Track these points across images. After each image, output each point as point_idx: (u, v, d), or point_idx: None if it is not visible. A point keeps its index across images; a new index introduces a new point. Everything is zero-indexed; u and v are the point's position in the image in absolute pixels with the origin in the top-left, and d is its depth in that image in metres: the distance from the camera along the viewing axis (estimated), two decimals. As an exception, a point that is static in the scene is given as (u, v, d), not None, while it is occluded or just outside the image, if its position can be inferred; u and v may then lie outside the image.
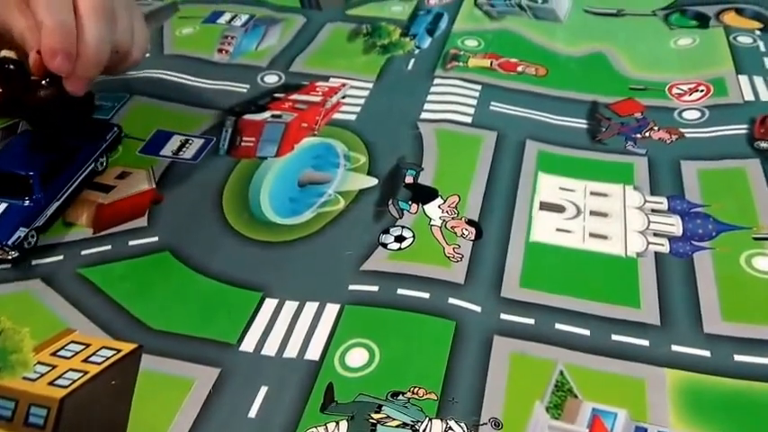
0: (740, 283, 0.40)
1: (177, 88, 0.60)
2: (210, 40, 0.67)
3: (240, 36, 0.69)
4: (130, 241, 0.46)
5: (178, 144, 0.54)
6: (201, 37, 0.68)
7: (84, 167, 0.48)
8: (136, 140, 0.54)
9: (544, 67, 0.61)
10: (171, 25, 0.71)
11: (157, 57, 0.65)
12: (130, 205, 0.49)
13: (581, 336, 0.37)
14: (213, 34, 0.69)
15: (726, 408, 0.34)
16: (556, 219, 0.45)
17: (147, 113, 0.57)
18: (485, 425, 0.33)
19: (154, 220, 0.47)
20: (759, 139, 0.50)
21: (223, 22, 0.72)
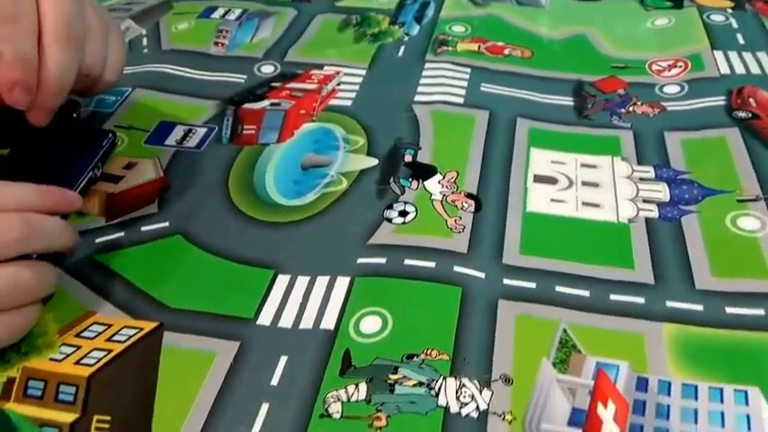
0: (727, 242, 0.41)
1: (177, 81, 0.61)
2: (206, 35, 0.68)
3: (234, 29, 0.69)
4: (143, 227, 0.46)
5: (182, 134, 0.54)
6: (197, 32, 0.69)
7: (82, 178, 0.47)
8: (140, 132, 0.55)
9: (529, 49, 0.62)
10: (166, 21, 0.71)
11: (156, 52, 0.65)
12: (140, 193, 0.49)
13: (581, 297, 0.38)
14: (208, 29, 0.69)
15: (720, 356, 0.35)
16: (550, 190, 0.46)
17: (149, 105, 0.57)
18: (496, 381, 0.34)
19: (164, 206, 0.47)
20: (736, 109, 0.51)
21: (217, 16, 0.72)
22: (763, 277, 0.38)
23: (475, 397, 0.33)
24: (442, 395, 0.33)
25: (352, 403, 0.34)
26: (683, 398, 0.33)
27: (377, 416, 0.33)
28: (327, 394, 0.34)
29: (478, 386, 0.34)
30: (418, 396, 0.33)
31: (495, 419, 0.32)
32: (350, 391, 0.34)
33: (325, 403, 0.34)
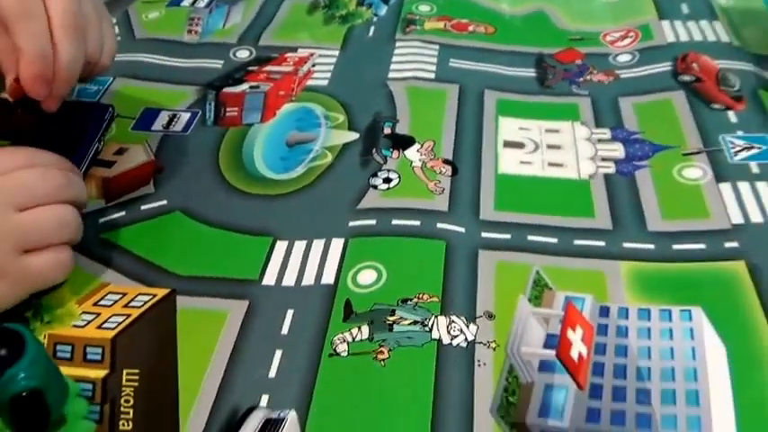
0: (674, 190, 0.49)
1: (155, 69, 0.66)
2: (178, 23, 0.73)
3: (206, 17, 0.75)
4: (142, 206, 0.52)
5: (167, 119, 0.60)
6: (169, 20, 0.74)
7: (90, 150, 0.53)
8: (126, 119, 0.60)
9: (492, 25, 0.69)
10: (136, 10, 0.76)
11: (130, 41, 0.70)
12: (135, 176, 0.55)
13: (550, 243, 0.46)
14: (180, 17, 0.74)
15: (668, 284, 0.43)
16: (518, 153, 0.53)
17: (131, 94, 0.63)
18: (480, 317, 0.42)
19: (159, 186, 0.53)
20: (681, 73, 0.59)
21: (187, 4, 0.78)
22: (705, 217, 0.47)
23: (463, 330, 0.41)
24: (435, 330, 0.41)
25: (356, 342, 0.41)
26: (639, 320, 0.41)
27: (380, 350, 0.40)
28: (334, 337, 0.41)
29: (465, 322, 0.41)
30: (414, 332, 0.41)
31: (482, 347, 0.40)
32: (354, 333, 0.41)
33: (333, 345, 0.41)
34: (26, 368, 0.32)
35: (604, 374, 0.38)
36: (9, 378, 0.31)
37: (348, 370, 0.39)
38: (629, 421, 0.35)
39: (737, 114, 0.54)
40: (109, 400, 0.39)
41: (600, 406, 0.36)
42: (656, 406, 0.36)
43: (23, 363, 0.32)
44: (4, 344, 0.32)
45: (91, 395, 0.39)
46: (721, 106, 0.55)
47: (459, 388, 0.38)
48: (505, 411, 0.36)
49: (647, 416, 0.36)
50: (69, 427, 0.35)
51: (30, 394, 0.32)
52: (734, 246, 0.44)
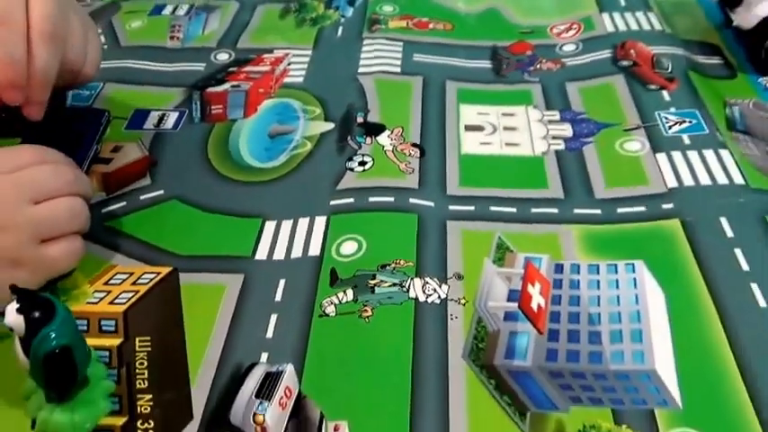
0: (616, 161, 0.53)
1: (142, 73, 0.68)
2: (160, 30, 0.75)
3: (186, 24, 0.77)
4: (141, 196, 0.54)
5: (157, 118, 0.63)
6: (151, 28, 0.76)
7: (89, 152, 0.56)
8: (119, 119, 0.62)
9: (450, 23, 0.73)
10: (120, 20, 0.78)
11: (116, 49, 0.72)
12: (131, 170, 0.57)
13: (510, 212, 0.50)
14: (162, 25, 0.76)
15: (614, 242, 0.47)
16: (479, 136, 0.57)
17: (122, 97, 0.65)
18: (451, 278, 0.45)
19: (155, 178, 0.56)
20: (620, 59, 0.63)
21: (167, 13, 0.80)
22: (644, 183, 0.51)
23: (436, 290, 0.44)
24: (412, 290, 0.44)
25: (343, 304, 0.44)
26: (589, 274, 0.45)
27: (364, 309, 0.44)
28: (323, 300, 0.44)
29: (438, 282, 0.45)
30: (394, 293, 0.44)
31: (453, 303, 0.44)
32: (340, 296, 0.45)
33: (322, 307, 0.44)
34: (57, 328, 0.34)
35: (560, 321, 0.41)
36: (43, 337, 0.34)
37: (337, 328, 0.42)
38: (583, 358, 0.39)
39: (670, 93, 0.59)
40: (124, 363, 0.41)
41: (557, 347, 0.40)
42: (605, 344, 0.40)
43: (54, 324, 0.34)
44: (37, 309, 0.34)
45: (108, 361, 0.41)
46: (656, 87, 0.59)
47: (434, 338, 0.41)
48: (476, 356, 0.40)
49: (598, 353, 0.39)
50: (92, 386, 0.37)
51: (61, 350, 0.34)
52: (670, 207, 0.48)
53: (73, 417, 0.36)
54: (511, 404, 0.38)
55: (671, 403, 0.37)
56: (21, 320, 0.33)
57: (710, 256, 0.44)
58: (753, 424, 0.36)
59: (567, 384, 0.38)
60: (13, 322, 0.33)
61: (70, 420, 0.36)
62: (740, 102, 0.57)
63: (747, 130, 0.54)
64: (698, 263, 0.44)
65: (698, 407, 0.37)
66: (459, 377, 0.39)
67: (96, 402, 0.38)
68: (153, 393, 0.40)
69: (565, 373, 0.39)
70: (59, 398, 0.36)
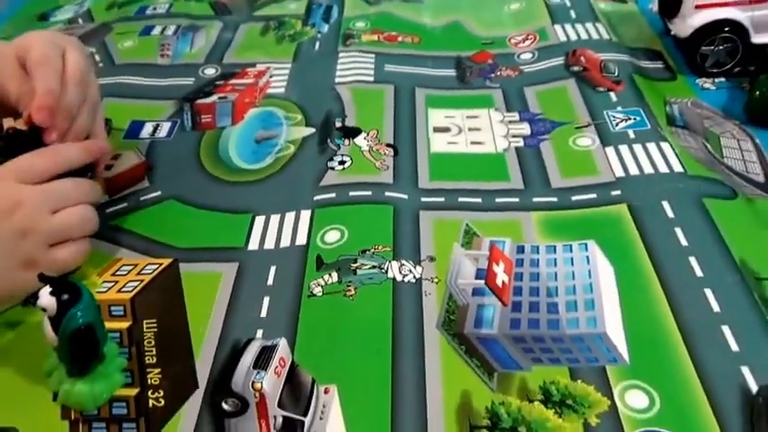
0: (570, 155, 0.56)
1: (137, 88, 0.71)
2: (151, 49, 0.78)
3: (174, 43, 0.80)
4: (141, 197, 0.56)
5: (152, 128, 0.65)
6: (142, 47, 0.78)
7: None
8: (118, 130, 0.65)
9: (417, 36, 0.76)
10: (112, 40, 0.81)
11: (111, 67, 0.75)
12: (131, 175, 0.59)
13: (476, 203, 0.53)
14: (152, 44, 0.79)
15: (568, 226, 0.50)
16: (446, 136, 0.60)
17: (119, 110, 0.67)
18: (424, 260, 0.48)
19: (153, 180, 0.58)
20: (572, 65, 0.67)
21: (157, 33, 0.82)
22: (594, 174, 0.54)
23: (412, 270, 0.47)
24: (390, 272, 0.47)
25: (329, 285, 0.47)
26: (547, 253, 0.48)
27: (348, 289, 0.46)
28: (310, 283, 0.47)
29: (413, 264, 0.48)
30: (374, 274, 0.47)
31: (427, 282, 0.47)
32: (326, 279, 0.47)
33: (310, 288, 0.47)
34: (83, 309, 0.37)
35: (522, 294, 0.45)
36: (71, 316, 0.36)
37: (324, 306, 0.45)
38: (543, 325, 0.42)
39: (617, 95, 0.63)
40: (134, 343, 0.43)
41: (520, 317, 0.43)
42: (562, 313, 0.43)
43: (81, 305, 0.36)
44: (66, 292, 0.37)
45: (119, 341, 0.43)
46: (604, 89, 0.63)
47: (411, 312, 0.44)
48: (448, 326, 0.43)
49: (556, 320, 0.43)
50: (108, 362, 0.40)
51: (86, 327, 0.37)
52: (617, 193, 0.52)
53: (93, 388, 0.38)
54: (480, 366, 0.40)
55: (620, 360, 0.40)
56: (53, 302, 0.36)
57: (654, 234, 0.48)
58: (691, 376, 0.39)
59: (529, 348, 0.41)
60: (47, 303, 0.36)
61: (90, 391, 0.38)
62: (680, 101, 0.61)
63: (686, 126, 0.58)
64: (643, 241, 0.47)
65: (643, 363, 0.40)
66: (433, 344, 0.42)
67: (112, 376, 0.40)
68: (161, 367, 0.42)
69: (527, 338, 0.42)
70: (81, 371, 0.38)
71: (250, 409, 0.39)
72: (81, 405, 0.39)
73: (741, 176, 0.51)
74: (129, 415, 0.40)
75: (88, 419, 0.40)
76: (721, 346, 0.40)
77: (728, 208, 0.49)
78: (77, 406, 0.39)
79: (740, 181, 0.51)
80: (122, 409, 0.40)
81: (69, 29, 0.85)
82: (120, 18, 0.85)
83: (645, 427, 0.36)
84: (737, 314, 0.41)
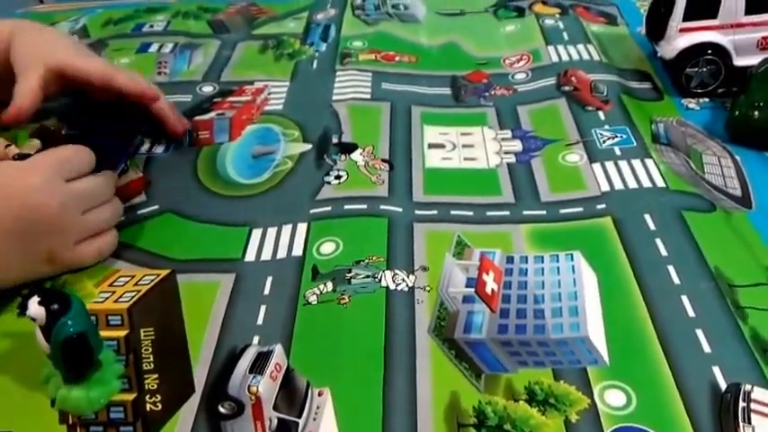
0: (559, 171, 0.61)
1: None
2: (148, 66, 0.82)
3: (171, 60, 0.84)
4: (138, 211, 0.60)
5: (149, 144, 0.69)
6: (139, 64, 0.83)
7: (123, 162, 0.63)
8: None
9: (414, 55, 0.81)
10: (108, 57, 0.85)
11: (108, 84, 0.79)
12: (129, 190, 0.63)
13: (468, 215, 0.57)
14: (149, 61, 0.83)
15: (556, 238, 0.54)
16: (441, 152, 0.65)
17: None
18: (417, 270, 0.52)
19: (150, 195, 0.62)
20: (563, 85, 0.72)
21: (153, 50, 0.87)
22: (582, 189, 0.58)
23: (404, 279, 0.52)
24: (383, 281, 0.51)
25: (324, 294, 0.51)
26: (535, 263, 0.52)
27: (342, 297, 0.50)
28: (306, 292, 0.51)
29: (406, 273, 0.52)
30: (368, 283, 0.51)
31: (419, 290, 0.51)
32: (321, 288, 0.51)
33: (305, 297, 0.51)
34: (73, 318, 0.40)
35: (510, 302, 0.49)
36: (61, 325, 0.39)
37: (319, 313, 0.49)
38: (529, 330, 0.47)
39: (605, 113, 0.67)
40: (131, 350, 0.47)
41: (507, 323, 0.47)
42: (548, 319, 0.47)
43: (71, 314, 0.40)
44: (55, 302, 0.40)
45: (117, 349, 0.47)
46: (593, 108, 0.68)
47: (403, 318, 0.48)
48: (439, 331, 0.47)
49: (541, 326, 0.47)
50: (104, 369, 0.43)
51: (77, 336, 0.40)
52: (603, 207, 0.56)
53: (89, 393, 0.42)
54: (468, 368, 0.45)
55: (600, 362, 0.44)
56: (42, 312, 0.39)
57: (635, 245, 0.52)
58: (666, 376, 0.43)
59: (516, 351, 0.45)
60: (35, 313, 0.39)
61: (86, 396, 0.42)
62: (665, 120, 0.65)
63: (670, 143, 0.62)
64: (625, 251, 0.52)
65: (621, 364, 0.44)
66: (424, 348, 0.46)
67: (109, 382, 0.43)
68: (158, 373, 0.46)
69: (513, 342, 0.46)
70: (76, 378, 0.42)
71: (246, 412, 0.42)
72: (77, 410, 0.42)
73: (720, 191, 0.56)
74: (126, 419, 0.43)
75: (85, 423, 0.42)
76: (695, 347, 0.44)
77: (706, 220, 0.53)
78: (74, 411, 0.42)
79: (719, 195, 0.56)
80: (120, 414, 0.43)
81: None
82: (117, 35, 0.90)
83: (621, 423, 0.40)
84: (711, 319, 0.46)
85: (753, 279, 0.48)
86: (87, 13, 0.98)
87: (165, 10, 0.97)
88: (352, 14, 0.91)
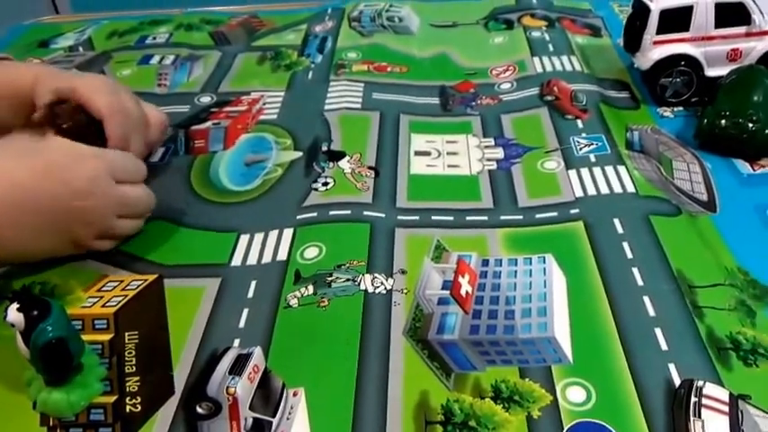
0: (537, 177, 0.62)
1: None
2: (149, 78, 0.84)
3: (172, 72, 0.86)
4: (132, 217, 0.62)
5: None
6: (140, 76, 0.84)
7: None
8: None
9: (406, 66, 0.83)
10: (111, 69, 0.87)
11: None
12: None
13: (448, 220, 0.58)
14: (150, 73, 0.85)
15: (530, 241, 0.55)
16: (426, 159, 0.66)
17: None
18: (396, 273, 0.53)
19: (145, 201, 0.64)
20: (546, 94, 0.73)
21: (155, 62, 0.89)
22: (557, 194, 0.59)
23: (383, 283, 0.52)
24: (362, 284, 0.52)
25: (304, 297, 0.52)
26: (509, 266, 0.53)
27: (322, 300, 0.51)
28: (287, 295, 0.52)
29: (385, 277, 0.53)
30: (347, 286, 0.52)
31: (397, 293, 0.51)
32: (302, 291, 0.52)
33: (287, 300, 0.52)
34: (52, 323, 0.40)
35: (483, 303, 0.50)
36: (40, 331, 0.40)
37: (299, 316, 0.50)
38: (499, 330, 0.47)
39: (583, 122, 0.68)
40: (115, 354, 0.48)
41: (479, 323, 0.48)
42: (517, 319, 0.48)
43: (50, 319, 0.40)
44: (35, 308, 0.41)
45: (101, 352, 0.48)
46: (572, 117, 0.69)
47: (379, 320, 0.49)
48: (413, 332, 0.48)
49: (511, 326, 0.48)
50: (86, 372, 0.44)
51: (57, 341, 0.40)
52: (576, 211, 0.57)
53: (69, 396, 0.42)
54: (439, 368, 0.45)
55: (564, 360, 0.45)
56: (21, 318, 0.40)
57: (604, 248, 0.53)
58: (624, 373, 0.44)
59: (486, 351, 0.46)
60: (14, 319, 0.40)
61: (66, 399, 0.42)
62: (640, 128, 0.66)
63: (642, 150, 0.63)
64: (594, 254, 0.53)
65: (584, 362, 0.44)
66: (398, 349, 0.47)
67: (90, 385, 0.44)
68: (140, 375, 0.46)
69: (484, 342, 0.47)
70: (57, 381, 0.42)
71: (223, 412, 0.43)
72: (58, 413, 0.43)
73: (687, 195, 0.57)
74: (105, 420, 0.44)
75: (65, 425, 0.42)
76: (653, 346, 0.45)
77: (672, 224, 0.54)
78: (54, 413, 0.43)
79: (686, 200, 0.57)
80: (100, 416, 0.44)
81: (69, 56, 0.91)
82: (121, 47, 0.92)
83: (580, 419, 0.41)
84: (670, 318, 0.46)
85: (712, 280, 0.49)
86: (93, 25, 1.00)
87: (169, 22, 0.99)
88: (349, 26, 0.92)
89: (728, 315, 0.47)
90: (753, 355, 0.44)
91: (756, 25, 0.65)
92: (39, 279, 0.54)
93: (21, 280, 0.54)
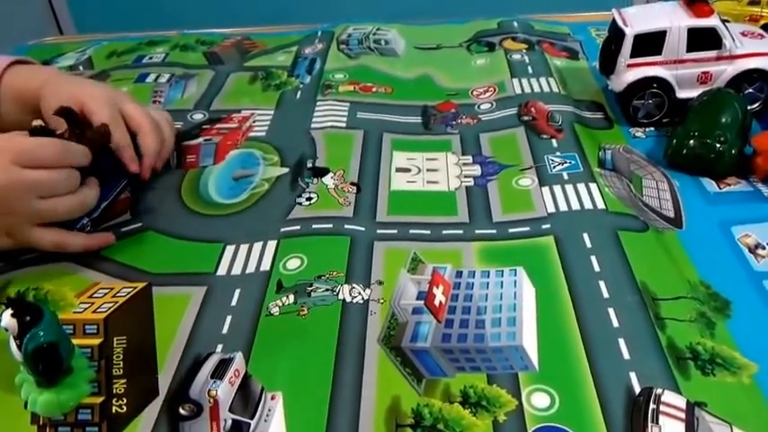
0: (512, 194, 0.63)
1: (129, 130, 0.78)
2: (144, 95, 0.85)
3: (167, 90, 0.88)
4: (122, 228, 0.63)
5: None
6: (136, 94, 0.86)
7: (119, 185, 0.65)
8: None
9: (390, 86, 0.84)
10: (108, 86, 0.88)
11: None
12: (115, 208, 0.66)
13: (425, 234, 0.59)
14: (145, 91, 0.87)
15: (502, 255, 0.56)
16: (406, 176, 0.67)
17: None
18: (373, 284, 0.54)
19: (134, 213, 0.65)
20: (523, 115, 0.75)
21: (150, 80, 0.91)
22: (530, 210, 0.61)
23: (361, 293, 0.54)
24: (341, 294, 0.53)
25: (285, 306, 0.53)
26: (481, 278, 0.54)
27: (301, 309, 0.53)
28: (269, 304, 0.54)
29: (363, 287, 0.54)
30: (326, 296, 0.53)
31: (374, 303, 0.52)
32: (284, 300, 0.54)
33: (268, 309, 0.53)
34: (44, 328, 0.41)
35: (456, 313, 0.51)
36: (32, 335, 0.41)
37: (279, 324, 0.51)
38: (470, 339, 0.48)
39: (558, 141, 0.70)
40: (104, 357, 0.49)
41: (451, 332, 0.49)
42: (488, 328, 0.49)
43: (42, 324, 0.41)
44: (28, 314, 0.42)
45: (90, 356, 0.49)
46: (548, 136, 0.70)
47: (355, 329, 0.50)
48: (387, 340, 0.49)
49: (481, 335, 0.49)
50: (75, 374, 0.45)
51: (48, 346, 0.41)
52: (547, 227, 0.58)
53: (59, 397, 0.43)
54: (411, 374, 0.46)
55: (530, 367, 0.46)
56: (14, 323, 0.41)
57: (572, 261, 0.54)
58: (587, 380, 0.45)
59: (456, 358, 0.47)
60: (8, 324, 0.41)
61: (56, 399, 0.43)
62: (613, 147, 0.68)
63: (614, 169, 0.65)
64: (563, 267, 0.54)
65: (549, 369, 0.46)
66: (372, 356, 0.48)
67: (79, 386, 0.45)
68: (127, 378, 0.47)
69: (455, 350, 0.48)
70: (48, 383, 0.43)
71: (204, 413, 0.44)
72: (48, 412, 0.44)
73: (655, 212, 0.58)
74: (92, 420, 0.45)
75: (55, 424, 0.44)
76: (615, 355, 0.46)
77: (639, 239, 0.55)
78: (45, 413, 0.44)
79: (654, 216, 0.58)
80: (87, 416, 0.45)
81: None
82: (119, 66, 0.94)
83: (543, 423, 0.42)
84: (632, 329, 0.48)
85: (675, 293, 0.50)
86: (93, 45, 1.01)
87: (166, 43, 1.01)
88: (337, 49, 0.94)
89: (689, 326, 0.48)
90: (710, 365, 0.45)
91: (727, 49, 0.66)
92: (33, 285, 0.55)
93: (16, 286, 0.56)
